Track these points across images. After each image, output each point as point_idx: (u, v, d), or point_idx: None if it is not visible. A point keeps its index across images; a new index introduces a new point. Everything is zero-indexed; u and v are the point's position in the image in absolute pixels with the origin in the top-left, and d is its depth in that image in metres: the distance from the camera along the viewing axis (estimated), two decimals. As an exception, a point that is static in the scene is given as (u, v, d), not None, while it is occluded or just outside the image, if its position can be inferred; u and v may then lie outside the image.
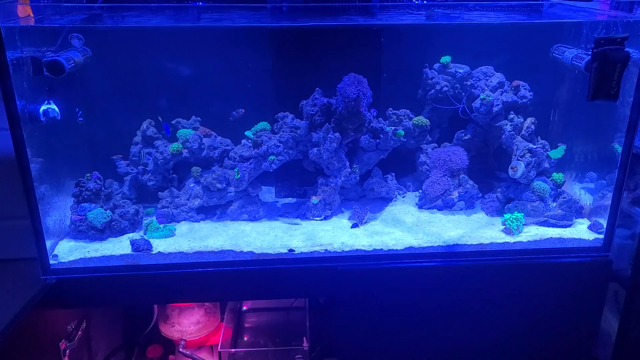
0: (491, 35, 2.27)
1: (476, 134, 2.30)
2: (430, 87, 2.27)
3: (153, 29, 2.13)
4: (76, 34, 1.87)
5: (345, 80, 2.04)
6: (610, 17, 1.95)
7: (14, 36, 1.66)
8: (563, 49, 2.11)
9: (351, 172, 2.16)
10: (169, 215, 2.13)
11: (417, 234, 2.05)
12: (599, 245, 2.02)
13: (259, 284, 1.95)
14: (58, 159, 2.00)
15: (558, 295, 2.00)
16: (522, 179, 2.10)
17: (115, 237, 2.02)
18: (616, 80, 1.75)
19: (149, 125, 2.20)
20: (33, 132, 1.76)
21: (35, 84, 1.78)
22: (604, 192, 2.12)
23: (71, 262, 1.88)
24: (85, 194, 2.01)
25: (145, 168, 2.18)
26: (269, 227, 2.11)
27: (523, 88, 2.21)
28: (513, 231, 2.03)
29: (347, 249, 1.97)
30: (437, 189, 2.20)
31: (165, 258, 1.91)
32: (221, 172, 2.12)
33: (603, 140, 2.06)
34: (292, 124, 2.14)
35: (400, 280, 1.95)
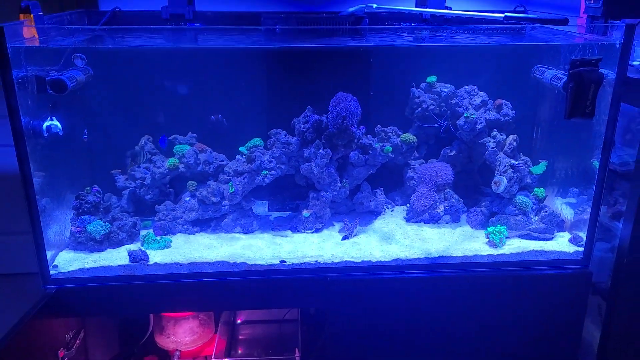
0: (475, 56, 2.38)
1: (461, 150, 2.39)
2: (417, 105, 2.37)
3: (151, 50, 2.22)
4: (79, 54, 1.96)
5: (335, 98, 2.13)
6: (586, 40, 2.05)
7: (19, 56, 1.74)
8: (543, 70, 2.21)
9: (341, 186, 2.24)
10: (166, 228, 2.20)
11: (404, 247, 2.13)
12: (579, 258, 2.09)
13: (251, 294, 2.02)
14: (59, 173, 2.07)
15: (540, 307, 2.06)
16: (505, 194, 2.19)
17: (113, 248, 2.08)
18: (591, 99, 1.84)
19: (147, 140, 2.28)
20: (35, 147, 1.83)
21: (39, 101, 1.86)
22: (584, 207, 2.20)
23: (71, 273, 1.94)
24: (85, 206, 2.08)
25: (143, 182, 2.25)
26: (262, 239, 2.18)
27: (505, 106, 2.30)
28: (496, 244, 2.11)
29: (337, 261, 2.04)
30: (423, 203, 2.28)
31: (162, 268, 1.98)
32: (216, 186, 2.20)
33: (583, 156, 2.14)
34: (285, 140, 2.22)
35: (388, 291, 2.02)
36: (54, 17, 2.05)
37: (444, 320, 2.05)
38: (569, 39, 2.17)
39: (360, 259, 2.05)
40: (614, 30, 1.88)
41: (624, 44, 1.83)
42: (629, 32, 1.81)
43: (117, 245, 2.09)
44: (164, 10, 2.38)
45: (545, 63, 2.25)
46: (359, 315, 2.03)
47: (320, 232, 2.24)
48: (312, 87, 2.31)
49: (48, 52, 1.95)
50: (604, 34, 1.96)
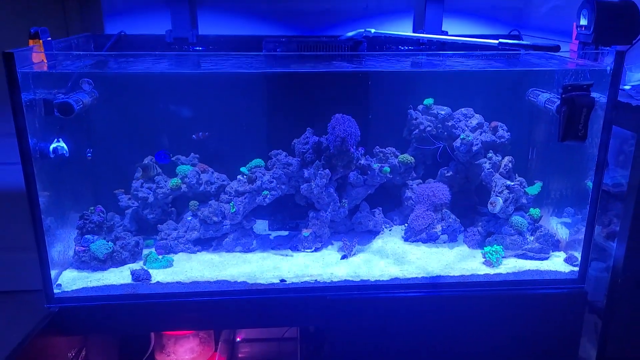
0: (471, 79, 2.43)
1: (458, 171, 2.43)
2: (414, 127, 2.42)
3: (155, 74, 2.28)
4: (87, 78, 2.01)
5: (333, 120, 2.19)
6: (578, 66, 2.11)
7: (28, 80, 1.80)
8: (537, 93, 2.26)
9: (340, 206, 2.28)
10: (168, 247, 2.23)
11: (402, 266, 2.16)
12: (574, 277, 2.13)
13: (252, 313, 2.04)
14: (63, 192, 2.11)
15: (537, 326, 2.09)
16: (501, 214, 2.23)
17: (116, 267, 2.11)
18: (583, 123, 1.89)
19: (150, 161, 2.32)
20: (42, 167, 1.88)
21: (46, 123, 1.91)
22: (579, 227, 2.23)
23: (74, 291, 1.97)
24: (88, 226, 2.12)
25: (146, 202, 2.29)
26: (262, 258, 2.22)
27: (501, 128, 2.36)
28: (493, 263, 2.14)
29: (336, 280, 2.07)
30: (421, 223, 2.32)
31: (164, 287, 2.01)
32: (217, 206, 2.24)
33: (577, 177, 2.19)
34: (285, 161, 2.26)
35: (386, 310, 2.05)
36: (61, 42, 2.11)
37: (441, 338, 2.08)
38: (562, 64, 2.23)
39: (359, 278, 2.08)
40: (605, 56, 1.94)
41: (615, 70, 1.89)
42: (619, 58, 1.87)
43: (120, 265, 2.12)
44: (168, 34, 2.45)
45: (539, 86, 2.31)
46: (357, 334, 2.06)
47: (319, 251, 2.28)
48: (312, 109, 2.36)
49: (55, 75, 2.00)
50: (595, 59, 2.02)
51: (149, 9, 2.55)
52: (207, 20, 2.57)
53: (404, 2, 2.65)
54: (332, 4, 2.63)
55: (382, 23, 2.64)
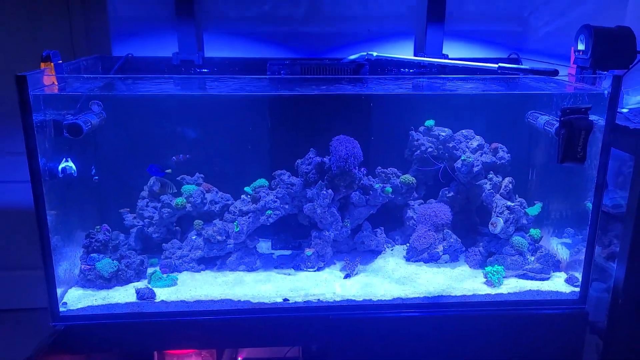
0: (472, 102, 2.48)
1: (459, 191, 2.46)
2: (415, 148, 2.46)
3: (161, 96, 2.32)
4: (96, 100, 2.06)
5: (335, 141, 2.22)
6: (576, 89, 2.15)
7: (39, 102, 1.84)
8: (536, 115, 2.30)
9: (343, 226, 2.30)
10: (172, 266, 2.25)
11: (404, 285, 2.18)
12: (575, 298, 2.14)
13: (254, 332, 2.06)
14: (71, 211, 2.14)
15: (538, 346, 2.10)
16: (502, 234, 2.25)
17: (121, 285, 2.13)
18: (582, 145, 1.93)
19: (156, 181, 2.36)
20: (50, 187, 1.91)
21: (55, 143, 1.95)
22: (579, 247, 2.25)
23: (79, 310, 1.99)
24: (94, 245, 2.15)
25: (151, 221, 2.32)
26: (266, 277, 2.24)
27: (501, 150, 2.39)
28: (494, 283, 2.16)
29: (338, 299, 2.09)
30: (423, 243, 2.35)
31: (168, 306, 2.03)
32: (221, 225, 2.26)
33: (577, 198, 2.21)
34: (288, 181, 2.29)
35: (388, 330, 2.06)
36: (71, 64, 2.16)
37: (443, 358, 2.09)
38: (560, 88, 2.27)
39: (361, 297, 2.10)
40: (602, 80, 1.98)
41: (612, 94, 1.92)
42: (616, 82, 1.91)
43: (125, 283, 2.14)
44: (174, 56, 2.50)
45: (538, 108, 2.35)
46: (359, 354, 2.07)
47: (322, 270, 2.30)
48: (315, 130, 2.40)
49: (65, 97, 2.04)
50: (592, 83, 2.06)
51: (155, 31, 2.60)
52: (213, 42, 2.63)
53: (405, 26, 2.70)
54: (335, 28, 2.69)
55: (384, 46, 2.69)
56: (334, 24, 2.68)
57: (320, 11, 2.66)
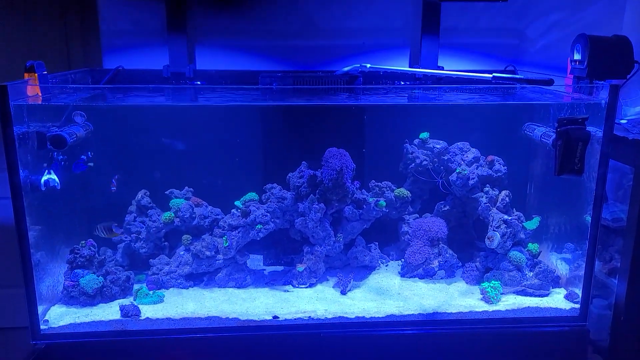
0: (467, 114, 2.44)
1: (455, 205, 2.40)
2: (410, 160, 2.41)
3: (151, 107, 2.29)
4: (79, 111, 2.02)
5: (327, 153, 2.18)
6: (573, 99, 2.11)
7: (21, 113, 1.80)
8: (533, 127, 2.26)
9: (335, 241, 2.24)
10: (159, 282, 2.19)
11: (398, 302, 2.11)
12: (575, 315, 2.08)
13: (244, 351, 1.99)
14: (55, 226, 2.09)
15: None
16: (499, 249, 2.19)
17: (105, 302, 2.07)
18: (579, 157, 1.88)
19: (144, 195, 2.31)
20: (33, 201, 1.87)
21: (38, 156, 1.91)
22: (579, 263, 2.19)
23: (61, 328, 1.93)
24: (79, 260, 2.09)
25: (138, 236, 2.27)
26: (256, 293, 2.17)
27: (497, 162, 2.34)
28: (491, 299, 2.09)
29: (330, 316, 2.02)
30: (418, 258, 2.28)
31: (153, 324, 1.96)
32: (210, 240, 2.21)
33: (576, 212, 2.16)
34: (279, 194, 2.25)
35: (382, 348, 2.00)
36: (58, 76, 2.12)
37: (439, 379, 2.02)
38: (557, 98, 2.23)
39: (354, 314, 2.03)
40: (599, 90, 1.94)
41: (609, 104, 1.88)
42: (613, 92, 1.87)
43: (110, 300, 2.08)
44: (165, 69, 2.47)
45: (535, 120, 2.31)
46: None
47: (314, 286, 2.23)
48: (307, 143, 2.37)
49: (50, 109, 2.01)
50: (589, 93, 2.02)
51: (147, 44, 2.58)
52: (204, 55, 2.60)
53: (400, 38, 2.67)
54: (329, 40, 2.66)
55: (379, 59, 2.66)
56: (328, 36, 2.65)
57: (314, 24, 2.64)
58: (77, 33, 2.60)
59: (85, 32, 2.58)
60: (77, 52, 2.60)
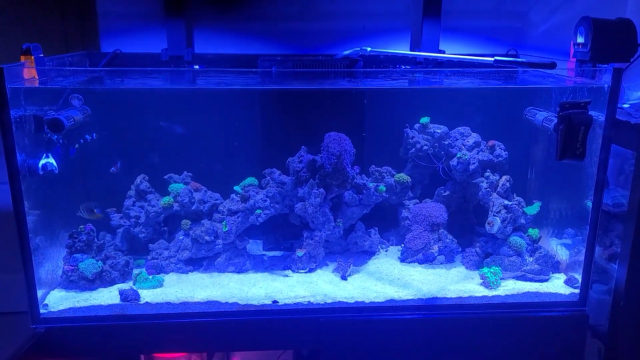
0: (467, 98, 2.41)
1: (455, 190, 2.39)
2: (410, 145, 2.39)
3: (148, 91, 2.27)
4: (76, 94, 2.00)
5: (328, 138, 2.16)
6: (575, 83, 2.09)
7: (18, 96, 1.78)
8: (534, 112, 2.24)
9: (335, 226, 2.24)
10: (158, 267, 2.19)
11: (398, 287, 2.11)
12: (575, 300, 2.07)
13: (244, 335, 1.99)
14: (54, 211, 2.08)
15: (537, 350, 2.03)
16: (499, 234, 2.18)
17: (105, 287, 2.07)
18: (581, 141, 1.86)
19: (143, 179, 2.30)
20: (31, 185, 1.86)
21: (36, 139, 1.89)
22: (579, 248, 2.18)
23: (61, 312, 1.93)
24: (78, 245, 2.08)
25: (137, 220, 2.26)
26: (255, 278, 2.17)
27: (498, 147, 2.32)
28: (491, 285, 2.09)
29: (329, 301, 2.02)
30: (418, 243, 2.28)
31: (153, 308, 1.96)
32: (210, 225, 2.20)
33: (577, 197, 2.15)
34: (279, 179, 2.23)
35: (381, 333, 1.99)
36: (55, 59, 2.10)
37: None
38: (559, 82, 2.21)
39: (353, 299, 2.03)
40: (602, 74, 1.92)
41: (612, 88, 1.86)
42: (616, 76, 1.85)
43: (109, 284, 2.08)
44: (163, 53, 2.44)
45: (536, 105, 2.28)
46: (353, 357, 2.00)
47: (313, 271, 2.23)
48: (306, 127, 2.34)
49: (47, 92, 1.99)
50: (592, 77, 1.99)
51: (145, 28, 2.55)
52: (203, 38, 2.57)
53: (401, 22, 2.64)
54: (329, 24, 2.63)
55: (380, 43, 2.63)
56: (328, 19, 2.62)
57: (314, 7, 2.60)
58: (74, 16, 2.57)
59: (82, 15, 2.55)
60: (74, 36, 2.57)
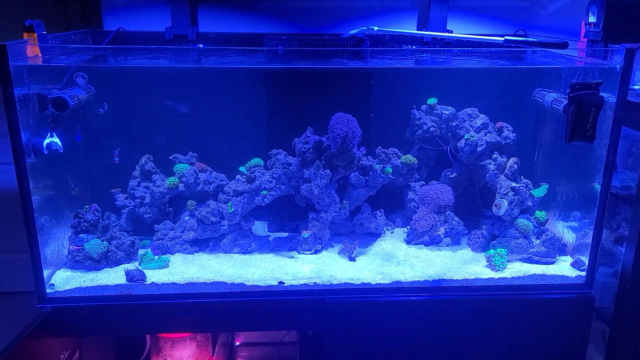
0: (476, 78, 2.38)
1: (462, 172, 2.38)
2: (417, 127, 2.37)
3: (153, 69, 2.24)
4: (80, 72, 1.97)
5: (334, 118, 2.14)
6: (586, 64, 2.06)
7: (22, 74, 1.76)
8: (544, 93, 2.21)
9: (341, 207, 2.22)
10: (164, 247, 2.18)
11: (404, 269, 2.11)
12: (581, 282, 2.07)
13: (249, 316, 1.99)
14: (58, 191, 2.07)
15: (542, 331, 2.04)
16: (506, 217, 2.17)
17: (110, 267, 2.06)
18: (591, 123, 1.84)
19: (147, 160, 2.28)
20: (35, 165, 1.84)
21: (40, 118, 1.87)
22: (586, 231, 2.18)
23: (67, 292, 1.92)
24: (83, 225, 2.07)
25: (143, 201, 2.25)
26: (261, 259, 2.17)
27: (506, 129, 2.30)
28: (497, 267, 2.09)
29: (335, 282, 2.02)
30: (424, 225, 2.27)
31: (159, 288, 1.96)
32: (215, 206, 2.19)
33: (585, 179, 2.14)
34: (285, 160, 2.21)
35: (387, 314, 1.99)
36: (57, 37, 2.07)
37: (443, 344, 2.03)
38: (569, 63, 2.18)
39: (359, 281, 2.03)
40: (614, 54, 1.89)
41: (624, 68, 1.83)
42: (628, 56, 1.82)
43: (115, 265, 2.07)
44: (167, 31, 2.41)
45: (545, 86, 2.25)
46: (357, 338, 2.00)
47: (319, 253, 2.22)
48: (313, 108, 2.32)
49: (51, 70, 1.96)
50: (604, 58, 1.96)
51: (148, 5, 2.52)
52: (207, 17, 2.53)
53: (409, 1, 2.61)
54: (335, 3, 2.59)
55: (387, 22, 2.60)
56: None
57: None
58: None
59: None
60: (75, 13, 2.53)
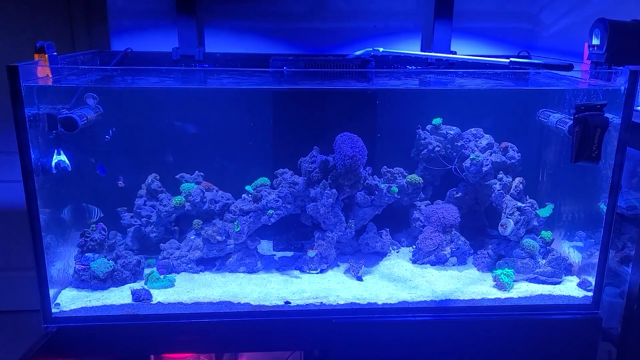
0: (480, 99, 2.40)
1: (467, 192, 2.38)
2: (422, 147, 2.38)
3: (160, 90, 2.26)
4: (91, 93, 1.99)
5: (339, 138, 2.15)
6: (590, 85, 2.08)
7: (32, 94, 1.77)
8: (548, 113, 2.23)
9: (347, 226, 2.23)
10: (170, 266, 2.18)
11: (410, 289, 2.10)
12: (588, 303, 2.06)
13: (255, 336, 1.98)
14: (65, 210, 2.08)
15: (549, 352, 2.02)
16: (512, 236, 2.17)
17: (116, 286, 2.06)
18: (597, 143, 1.85)
19: (154, 179, 2.29)
20: (44, 183, 1.85)
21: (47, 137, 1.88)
22: (592, 251, 2.17)
23: (73, 311, 1.92)
24: (89, 244, 2.07)
25: (149, 220, 2.25)
26: (266, 279, 2.16)
27: (511, 149, 2.32)
28: (505, 286, 2.08)
29: (342, 302, 2.01)
30: (429, 245, 2.27)
31: (164, 308, 1.95)
32: (221, 225, 2.19)
33: (590, 200, 2.14)
34: (291, 179, 2.22)
35: (393, 334, 1.98)
36: (67, 57, 2.09)
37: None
38: (573, 84, 2.20)
39: (365, 300, 2.02)
40: (618, 76, 1.91)
41: (629, 90, 1.85)
42: (632, 78, 1.84)
43: (121, 284, 2.07)
44: (174, 52, 2.44)
45: (549, 107, 2.27)
46: (364, 358, 1.99)
47: (325, 272, 2.22)
48: (319, 128, 2.33)
49: (60, 90, 1.98)
50: (608, 79, 1.98)
51: (156, 26, 2.55)
52: (214, 38, 2.56)
53: (412, 22, 2.64)
54: (340, 24, 2.62)
55: (390, 43, 2.62)
56: (339, 19, 2.62)
57: (326, 6, 2.60)
58: (81, 14, 2.57)
59: (91, 13, 2.54)
60: (80, 34, 2.56)
